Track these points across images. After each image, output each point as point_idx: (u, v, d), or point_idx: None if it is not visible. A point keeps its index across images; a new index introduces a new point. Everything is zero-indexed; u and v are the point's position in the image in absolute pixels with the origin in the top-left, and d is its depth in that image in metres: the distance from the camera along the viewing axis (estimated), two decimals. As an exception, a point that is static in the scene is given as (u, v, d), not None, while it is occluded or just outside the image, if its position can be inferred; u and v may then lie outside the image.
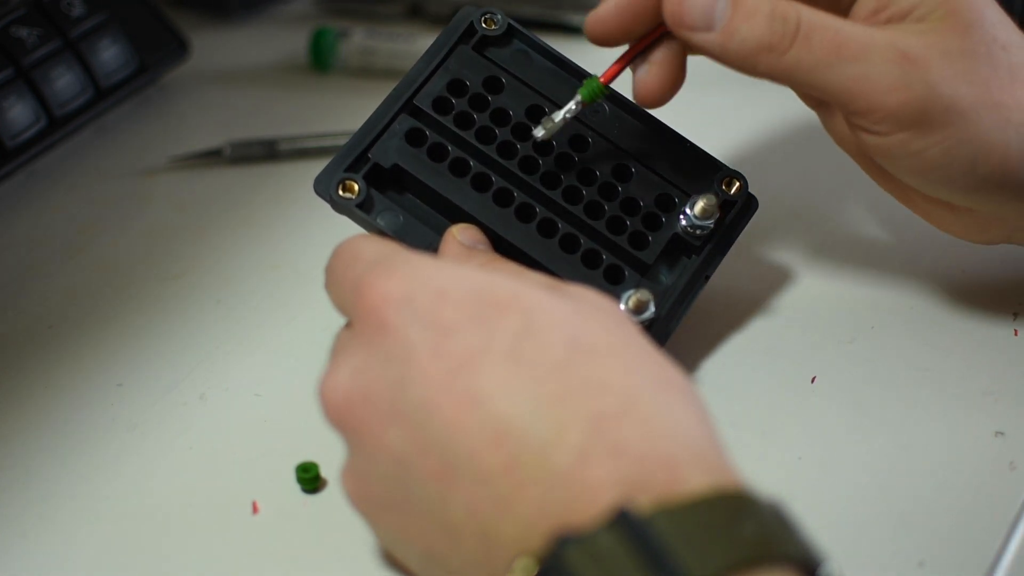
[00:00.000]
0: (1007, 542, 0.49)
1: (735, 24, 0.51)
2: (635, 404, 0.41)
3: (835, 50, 0.50)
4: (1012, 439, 0.52)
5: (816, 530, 0.41)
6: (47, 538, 0.51)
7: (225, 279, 0.63)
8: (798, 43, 0.50)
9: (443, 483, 0.42)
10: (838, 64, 0.50)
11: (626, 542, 0.38)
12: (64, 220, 0.68)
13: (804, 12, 0.51)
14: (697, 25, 0.51)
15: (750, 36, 0.51)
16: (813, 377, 0.56)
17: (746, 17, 0.51)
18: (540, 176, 0.54)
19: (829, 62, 0.50)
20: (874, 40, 0.50)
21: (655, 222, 0.55)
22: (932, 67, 0.50)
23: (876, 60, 0.50)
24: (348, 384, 0.44)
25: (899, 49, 0.50)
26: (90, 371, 0.58)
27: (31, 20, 0.69)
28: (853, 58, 0.50)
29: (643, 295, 0.53)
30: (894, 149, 0.52)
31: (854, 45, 0.50)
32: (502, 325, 0.43)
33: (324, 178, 0.54)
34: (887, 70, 0.50)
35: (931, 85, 0.50)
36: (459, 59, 0.56)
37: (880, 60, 0.50)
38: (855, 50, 0.50)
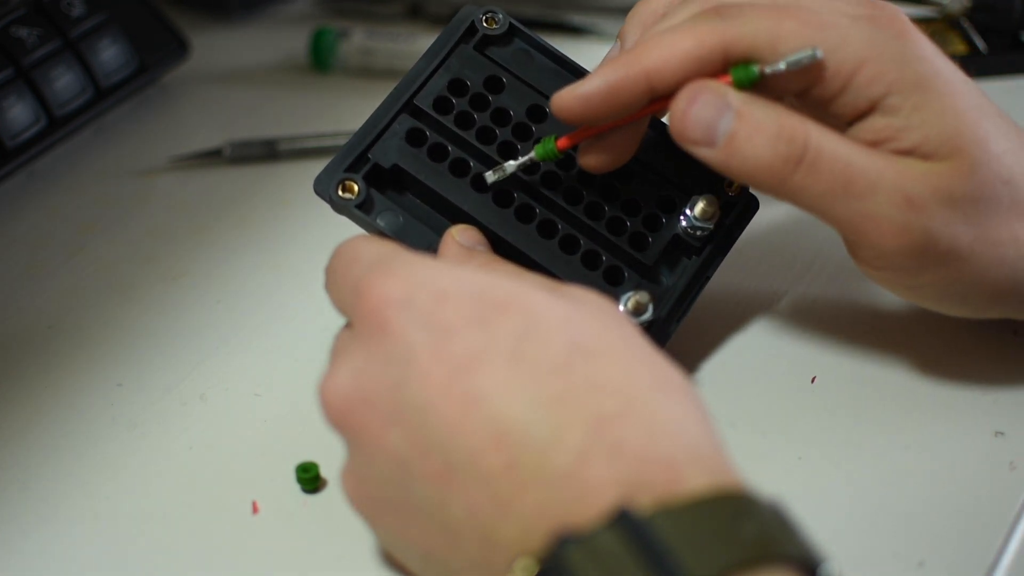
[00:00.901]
0: (1007, 542, 0.49)
1: (738, 143, 0.49)
2: (635, 405, 0.41)
3: (842, 185, 0.49)
4: (1012, 439, 0.52)
5: (816, 530, 0.41)
6: (47, 538, 0.51)
7: (225, 279, 0.63)
8: (803, 170, 0.49)
9: (443, 484, 0.42)
10: (843, 199, 0.49)
11: (626, 542, 0.38)
12: (64, 220, 0.68)
13: (813, 134, 0.49)
14: (699, 140, 0.50)
15: (752, 157, 0.49)
16: (813, 377, 0.56)
17: (749, 136, 0.49)
18: (540, 177, 0.54)
19: (834, 195, 0.49)
20: (882, 179, 0.49)
21: (655, 223, 0.55)
22: (934, 214, 0.49)
23: (881, 201, 0.49)
24: (348, 385, 0.44)
25: (904, 193, 0.49)
26: (90, 371, 0.58)
27: (31, 20, 0.69)
28: (859, 196, 0.49)
29: (642, 296, 0.53)
30: (888, 280, 0.52)
31: (862, 182, 0.49)
32: (502, 326, 0.43)
33: (324, 178, 0.54)
34: (891, 213, 0.49)
35: (931, 232, 0.49)
36: (460, 58, 0.56)
37: (885, 202, 0.49)
38: (862, 188, 0.49)
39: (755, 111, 0.49)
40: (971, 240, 0.50)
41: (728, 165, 0.50)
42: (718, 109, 0.49)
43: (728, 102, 0.49)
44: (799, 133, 0.49)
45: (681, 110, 0.50)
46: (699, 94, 0.49)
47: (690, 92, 0.50)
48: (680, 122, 0.50)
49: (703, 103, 0.49)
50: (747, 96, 0.49)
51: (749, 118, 0.49)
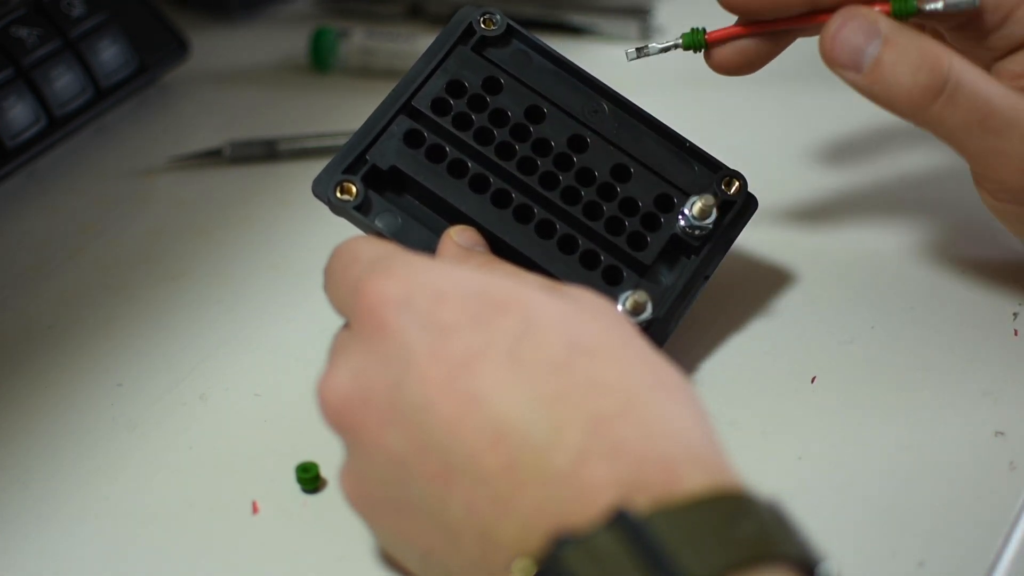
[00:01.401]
0: (1007, 542, 0.49)
1: (882, 69, 0.51)
2: (633, 405, 0.41)
3: (979, 120, 0.50)
4: (1012, 439, 0.52)
5: (816, 530, 0.41)
6: (47, 538, 0.51)
7: (225, 279, 0.63)
8: (942, 101, 0.50)
9: (442, 484, 0.42)
10: (978, 133, 0.51)
11: (624, 542, 0.38)
12: (64, 220, 0.68)
13: (955, 65, 0.50)
14: (846, 64, 0.51)
15: (895, 84, 0.51)
16: (813, 377, 0.56)
17: (893, 64, 0.50)
18: (539, 177, 0.54)
19: (969, 128, 0.51)
20: (1018, 117, 0.50)
21: (654, 222, 0.54)
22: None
23: (1015, 139, 0.51)
24: (347, 385, 0.44)
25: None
26: (90, 371, 0.58)
27: (31, 20, 0.69)
28: (994, 132, 0.51)
29: (641, 296, 0.53)
30: (1007, 214, 0.54)
31: (997, 119, 0.50)
32: (501, 326, 0.43)
33: (322, 180, 0.54)
34: (1021, 151, 0.51)
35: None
36: (458, 60, 0.56)
37: (1018, 140, 0.51)
38: (997, 125, 0.50)
39: (902, 40, 0.51)
40: None
41: (871, 90, 0.51)
42: (867, 35, 0.51)
43: (878, 29, 0.51)
44: (942, 65, 0.50)
45: (832, 33, 0.51)
46: (850, 19, 0.51)
47: (842, 16, 0.51)
48: (830, 44, 0.51)
49: (853, 28, 0.51)
50: (897, 25, 0.51)
51: (895, 46, 0.50)
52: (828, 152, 0.61)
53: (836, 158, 0.64)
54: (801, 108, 0.58)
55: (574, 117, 0.55)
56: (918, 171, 0.66)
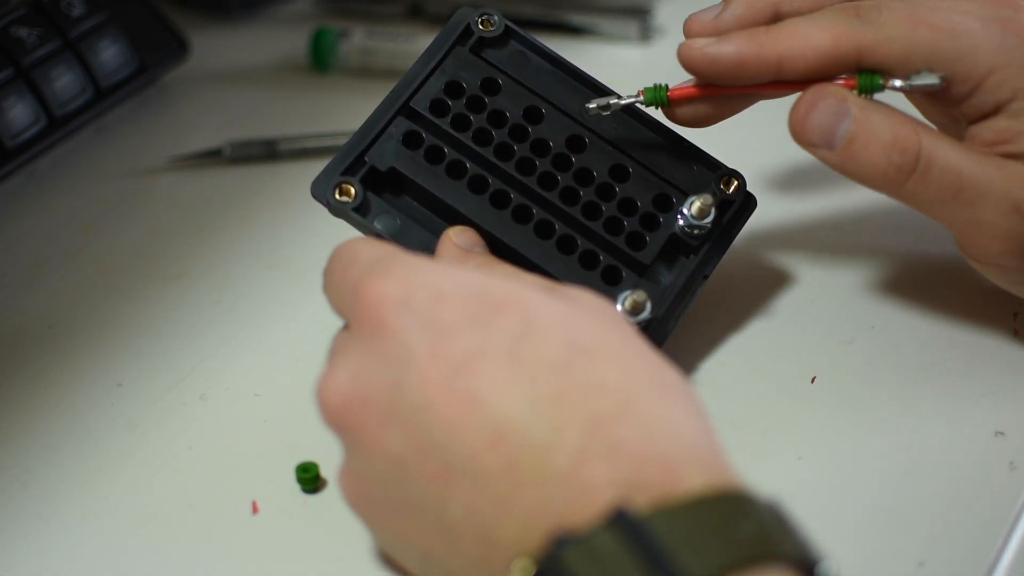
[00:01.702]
0: (1007, 542, 0.49)
1: (854, 150, 0.51)
2: (632, 405, 0.41)
3: (952, 194, 0.51)
4: (1012, 439, 0.52)
5: (816, 530, 0.41)
6: (47, 538, 0.51)
7: (225, 279, 0.63)
8: (915, 178, 0.51)
9: (442, 484, 0.42)
10: (953, 206, 0.51)
11: (624, 542, 0.38)
12: (64, 220, 0.68)
13: (925, 142, 0.51)
14: (817, 143, 0.52)
15: (868, 164, 0.51)
16: (813, 377, 0.56)
17: (865, 145, 0.51)
18: (537, 178, 0.54)
19: (944, 202, 0.51)
20: (991, 187, 0.51)
21: (653, 222, 0.54)
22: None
23: (989, 209, 0.51)
24: (346, 386, 0.44)
25: (1012, 201, 0.51)
26: (90, 371, 0.58)
27: (31, 20, 0.69)
28: (968, 203, 0.51)
29: (640, 296, 0.53)
30: (996, 275, 0.54)
31: (971, 191, 0.51)
32: (500, 326, 0.43)
33: (321, 181, 0.54)
34: (997, 220, 0.51)
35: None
36: (456, 61, 0.56)
37: (992, 209, 0.51)
38: (971, 196, 0.51)
39: (872, 119, 0.51)
40: None
41: (844, 168, 0.52)
42: (837, 115, 0.51)
43: (848, 108, 0.51)
44: (912, 144, 0.51)
45: (802, 114, 0.52)
46: (820, 99, 0.52)
47: (812, 96, 0.52)
48: (800, 124, 0.52)
49: (823, 109, 0.51)
50: (867, 103, 0.52)
51: (866, 126, 0.51)
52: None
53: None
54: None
55: (572, 117, 0.55)
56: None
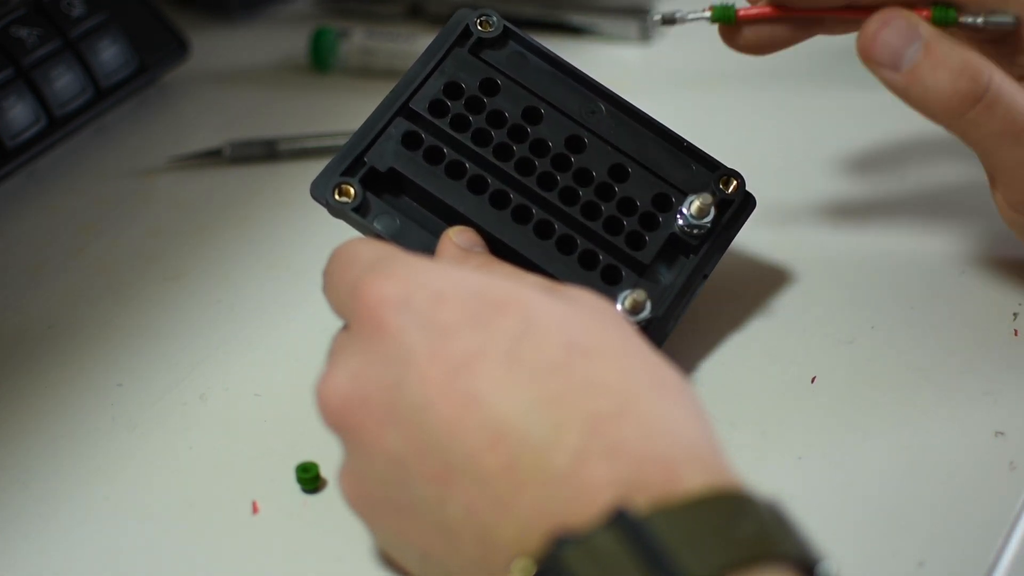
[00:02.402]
0: (1007, 542, 0.49)
1: (921, 72, 0.50)
2: (632, 405, 0.41)
3: (1014, 131, 0.50)
4: (1012, 439, 0.52)
5: (816, 530, 0.41)
6: (47, 538, 0.51)
7: (225, 279, 0.63)
8: (979, 108, 0.50)
9: (441, 484, 0.42)
10: (1010, 143, 0.50)
11: (624, 542, 0.38)
12: (64, 220, 0.68)
13: (996, 76, 0.50)
14: (884, 63, 0.51)
15: (933, 88, 0.50)
16: (813, 377, 0.56)
17: (933, 67, 0.50)
18: (537, 178, 0.54)
19: (1003, 138, 0.50)
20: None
21: (652, 222, 0.55)
22: None
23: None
24: (346, 386, 0.44)
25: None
26: (90, 371, 0.58)
27: (31, 20, 0.69)
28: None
29: (640, 295, 0.53)
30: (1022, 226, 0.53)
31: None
32: (500, 326, 0.43)
33: (320, 182, 0.54)
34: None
35: None
36: (455, 62, 0.56)
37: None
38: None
39: (943, 46, 0.50)
40: None
41: (908, 92, 0.51)
42: (908, 37, 0.50)
43: (919, 32, 0.50)
44: (982, 72, 0.50)
45: (873, 31, 0.51)
46: (892, 19, 0.51)
47: (884, 15, 0.51)
48: (870, 41, 0.51)
49: (895, 28, 0.51)
50: (938, 32, 0.51)
51: (936, 50, 0.50)
52: (827, 151, 0.61)
53: (835, 157, 0.64)
54: (799, 108, 0.58)
55: (571, 118, 0.55)
56: (918, 170, 0.66)
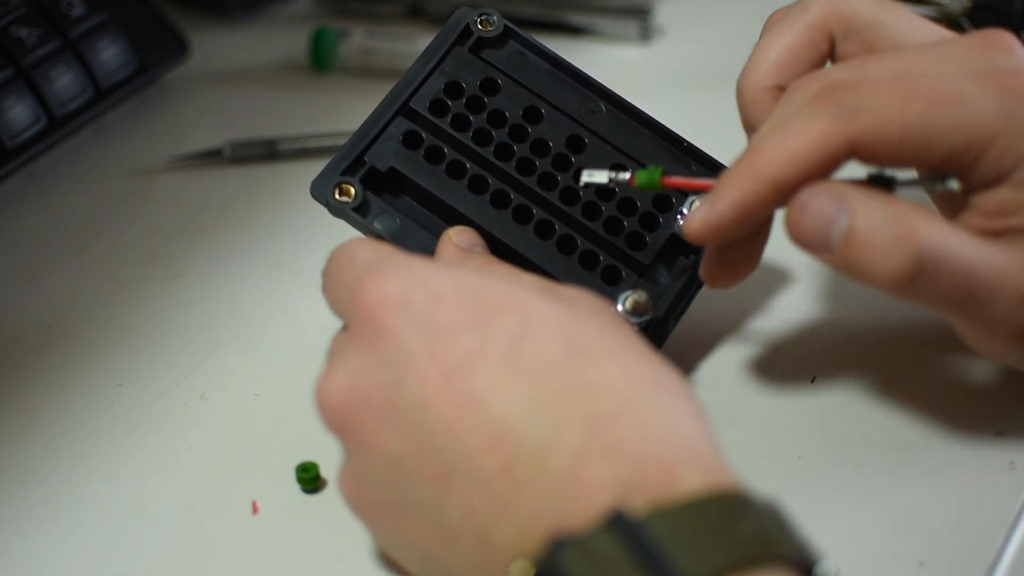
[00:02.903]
0: (1007, 542, 0.49)
1: (852, 252, 0.46)
2: (631, 405, 0.41)
3: (963, 295, 0.47)
4: (1012, 439, 0.52)
5: (816, 530, 0.41)
6: (47, 538, 0.51)
7: (225, 279, 0.63)
8: (923, 280, 0.46)
9: (440, 485, 0.42)
10: (963, 306, 0.48)
11: (622, 544, 0.38)
12: (64, 220, 0.68)
13: (930, 237, 0.46)
14: (813, 246, 0.47)
15: (866, 266, 0.47)
16: (813, 377, 0.56)
17: (864, 246, 0.46)
18: (537, 178, 0.54)
19: (954, 302, 0.47)
20: (1003, 281, 0.47)
21: (652, 222, 0.55)
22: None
23: (1001, 304, 0.47)
24: (345, 387, 0.44)
25: None
26: (90, 371, 0.58)
27: (31, 20, 0.69)
28: (979, 302, 0.47)
29: (640, 295, 0.53)
30: (1001, 359, 0.51)
31: (983, 289, 0.47)
32: (498, 327, 0.43)
33: (320, 182, 0.54)
34: (1009, 315, 0.47)
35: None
36: (455, 61, 0.56)
37: (1005, 304, 0.47)
38: (983, 294, 0.47)
39: (871, 214, 0.46)
40: None
41: (848, 272, 0.48)
42: (831, 215, 0.47)
43: (843, 206, 0.47)
44: (914, 242, 0.46)
45: (795, 216, 0.47)
46: (812, 198, 0.47)
47: (804, 196, 0.47)
48: (794, 228, 0.48)
49: (815, 209, 0.47)
50: (868, 197, 0.47)
51: (863, 224, 0.46)
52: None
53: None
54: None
55: (572, 118, 0.55)
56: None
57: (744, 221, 0.49)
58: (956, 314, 0.49)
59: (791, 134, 0.47)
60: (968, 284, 0.47)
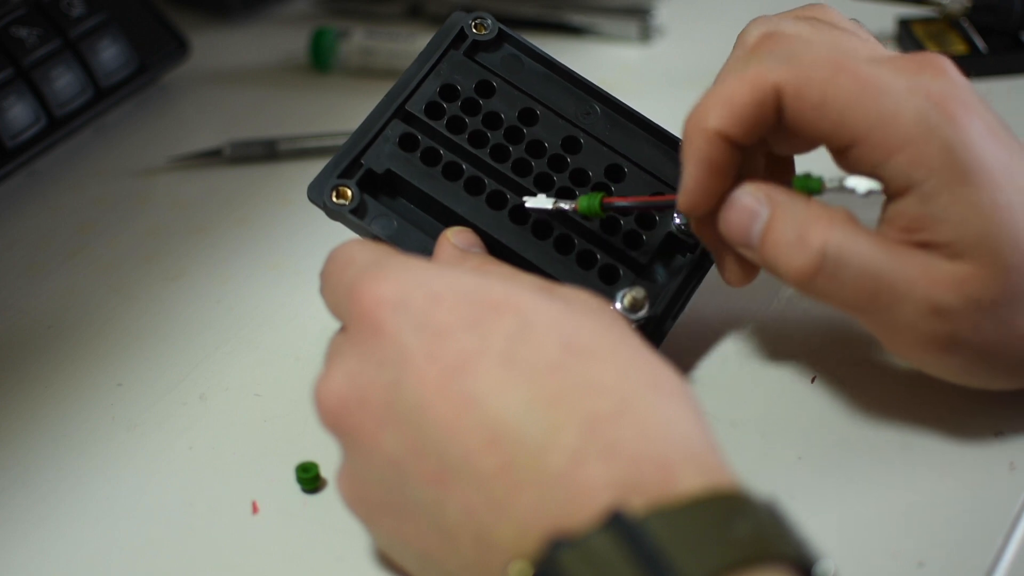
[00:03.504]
0: (1007, 542, 0.49)
1: (765, 248, 0.49)
2: (629, 405, 0.41)
3: (867, 296, 0.48)
4: (1012, 439, 0.52)
5: (816, 530, 0.41)
6: (47, 538, 0.51)
7: (225, 279, 0.63)
8: (823, 278, 0.48)
9: (439, 486, 0.42)
10: (869, 308, 0.49)
11: (620, 545, 0.38)
12: (64, 220, 0.68)
13: (836, 239, 0.48)
14: (738, 243, 0.50)
15: (776, 263, 0.49)
16: (813, 377, 0.56)
17: (773, 243, 0.49)
18: (533, 178, 0.54)
19: (859, 303, 0.49)
20: (910, 288, 0.48)
21: (649, 221, 0.55)
22: (962, 321, 0.48)
23: (908, 311, 0.48)
24: (343, 387, 0.44)
25: (932, 303, 0.48)
26: (90, 371, 0.58)
27: (31, 20, 0.69)
28: (885, 306, 0.48)
29: (638, 294, 0.53)
30: (916, 364, 0.51)
31: (888, 293, 0.48)
32: (496, 327, 0.43)
33: (317, 184, 0.54)
34: (916, 322, 0.48)
35: (957, 337, 0.48)
36: (450, 64, 0.56)
37: (912, 311, 0.48)
38: (888, 299, 0.48)
39: (784, 216, 0.49)
40: (996, 340, 0.49)
41: (764, 265, 0.50)
42: (751, 213, 0.50)
43: (763, 205, 0.49)
44: (815, 242, 0.48)
45: (724, 213, 0.50)
46: (739, 198, 0.50)
47: (732, 196, 0.50)
48: (723, 223, 0.50)
49: (738, 207, 0.50)
50: (789, 199, 0.49)
51: (776, 224, 0.49)
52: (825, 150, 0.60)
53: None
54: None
55: (567, 119, 0.55)
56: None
57: (711, 176, 0.50)
58: (863, 316, 0.50)
59: (728, 82, 0.50)
60: (871, 288, 0.48)
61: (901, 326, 0.49)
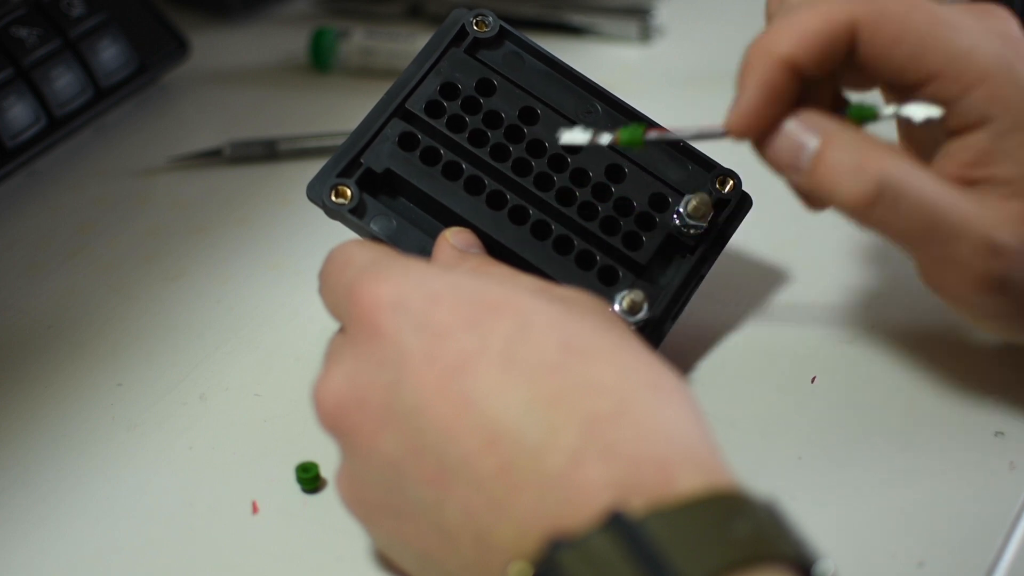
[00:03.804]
0: (1007, 542, 0.49)
1: (819, 174, 0.48)
2: (628, 405, 0.41)
3: (924, 228, 0.48)
4: (1012, 439, 0.52)
5: (816, 530, 0.41)
6: (47, 538, 0.51)
7: (225, 279, 0.63)
8: (883, 207, 0.47)
9: (438, 487, 0.42)
10: (925, 241, 0.48)
11: (619, 545, 0.38)
12: (64, 220, 0.68)
13: (894, 169, 0.47)
14: (784, 166, 0.49)
15: (833, 189, 0.48)
16: (813, 377, 0.56)
17: (828, 169, 0.48)
18: (533, 178, 0.54)
19: (915, 236, 0.48)
20: (968, 225, 0.47)
21: (649, 222, 0.55)
22: (1016, 262, 0.48)
23: (964, 248, 0.47)
24: (342, 388, 0.44)
25: (989, 241, 0.47)
26: (90, 371, 0.58)
27: (31, 20, 0.69)
28: (942, 241, 0.47)
29: (637, 295, 0.53)
30: (955, 307, 0.51)
31: (945, 227, 0.47)
32: (495, 328, 0.43)
33: (316, 184, 0.54)
34: (972, 261, 0.47)
35: (1009, 282, 0.48)
36: (451, 62, 0.56)
37: (968, 249, 0.47)
38: (945, 233, 0.47)
39: (840, 142, 0.48)
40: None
41: (812, 192, 0.49)
42: (802, 137, 0.49)
43: (814, 130, 0.49)
44: (875, 169, 0.47)
45: (774, 139, 0.49)
46: (788, 123, 0.49)
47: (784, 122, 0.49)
48: (771, 150, 0.49)
49: (788, 130, 0.49)
50: (840, 127, 0.49)
51: (829, 150, 0.48)
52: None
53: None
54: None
55: (568, 118, 0.55)
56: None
57: (771, 102, 0.49)
58: (916, 250, 0.49)
59: (800, 13, 0.49)
60: (928, 221, 0.48)
61: (954, 262, 0.48)
